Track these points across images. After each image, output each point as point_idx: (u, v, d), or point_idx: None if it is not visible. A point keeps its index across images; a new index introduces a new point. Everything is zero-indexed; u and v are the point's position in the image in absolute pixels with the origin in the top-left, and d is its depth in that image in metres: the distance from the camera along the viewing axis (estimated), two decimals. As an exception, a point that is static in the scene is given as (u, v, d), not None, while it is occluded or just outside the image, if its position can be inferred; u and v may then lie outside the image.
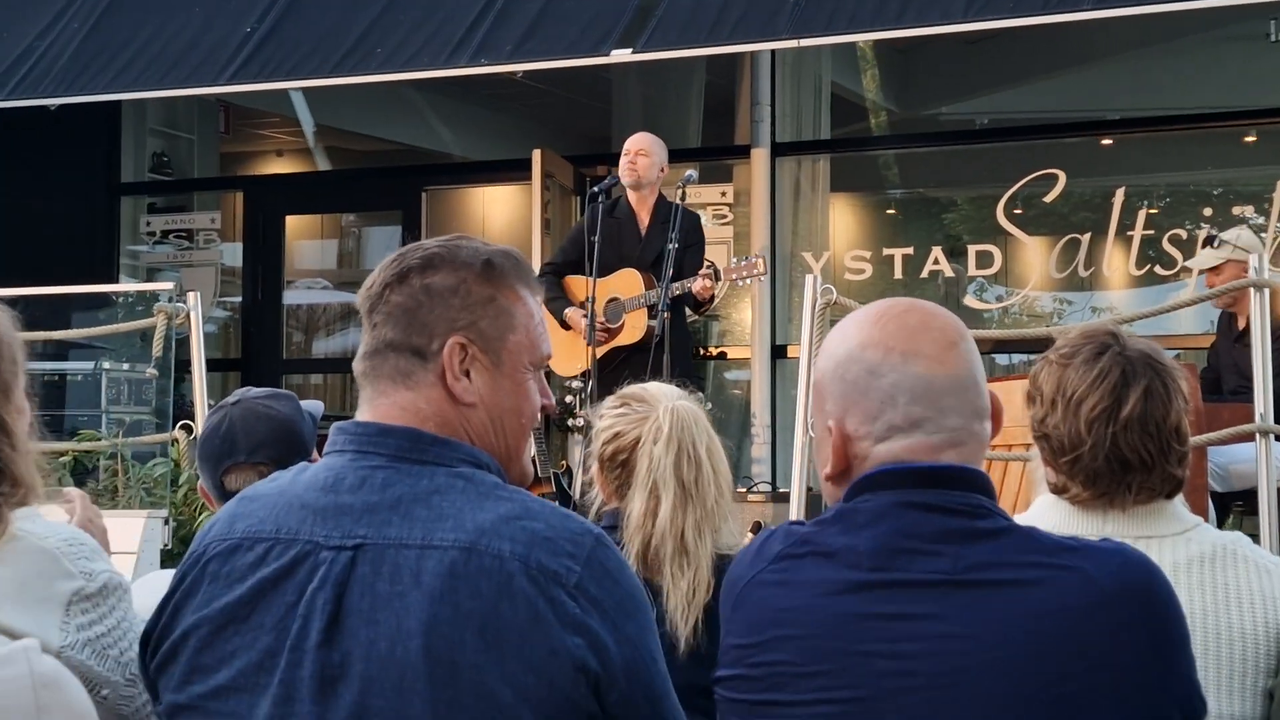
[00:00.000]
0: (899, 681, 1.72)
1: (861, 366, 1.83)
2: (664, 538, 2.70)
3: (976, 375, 1.84)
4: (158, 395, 7.15)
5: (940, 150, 9.74)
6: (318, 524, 1.75)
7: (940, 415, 1.80)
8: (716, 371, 9.59)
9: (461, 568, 1.68)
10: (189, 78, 7.81)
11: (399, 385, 1.83)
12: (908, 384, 1.80)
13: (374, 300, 1.86)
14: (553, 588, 1.68)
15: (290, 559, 1.74)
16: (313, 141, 11.25)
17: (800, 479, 5.48)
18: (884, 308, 1.88)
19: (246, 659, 1.73)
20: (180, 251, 10.41)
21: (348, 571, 1.71)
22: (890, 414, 1.81)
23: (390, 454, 1.78)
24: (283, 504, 1.79)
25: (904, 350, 1.81)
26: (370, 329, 1.86)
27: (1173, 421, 2.25)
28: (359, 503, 1.75)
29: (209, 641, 1.75)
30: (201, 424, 6.20)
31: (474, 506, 1.73)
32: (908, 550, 1.77)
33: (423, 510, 1.73)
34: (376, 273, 1.88)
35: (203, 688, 1.75)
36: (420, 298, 1.83)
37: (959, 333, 1.85)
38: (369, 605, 1.69)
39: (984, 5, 6.43)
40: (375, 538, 1.72)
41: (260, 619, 1.73)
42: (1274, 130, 8.83)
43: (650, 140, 6.86)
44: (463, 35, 7.32)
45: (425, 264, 1.85)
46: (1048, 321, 8.93)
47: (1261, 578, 2.26)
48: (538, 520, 1.72)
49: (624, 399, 2.89)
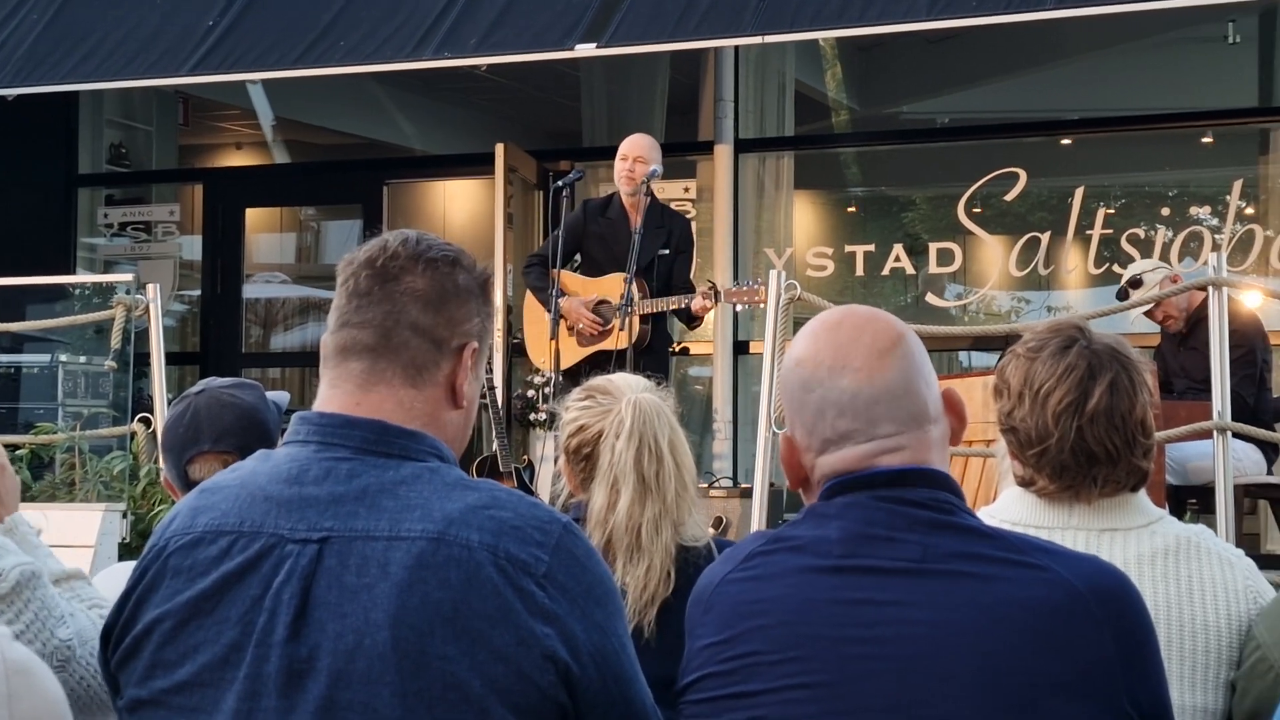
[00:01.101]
0: (866, 665, 1.73)
1: (797, 382, 1.85)
2: (621, 531, 2.70)
3: (912, 381, 1.83)
4: (115, 388, 7.12)
5: (902, 148, 9.78)
6: (282, 516, 1.73)
7: (870, 425, 1.81)
8: (679, 367, 9.60)
9: (430, 558, 1.67)
10: (150, 69, 7.75)
11: (407, 382, 1.79)
12: (834, 398, 1.82)
13: (385, 274, 1.81)
14: (521, 577, 1.67)
15: (255, 552, 1.72)
16: (271, 135, 11.20)
17: (763, 475, 5.50)
18: (822, 320, 1.89)
19: (210, 654, 1.71)
20: (138, 244, 10.33)
21: (314, 564, 1.69)
22: (822, 427, 1.83)
23: (356, 446, 1.76)
24: (245, 496, 1.76)
25: (831, 364, 1.82)
26: (375, 300, 1.80)
27: (1138, 415, 2.27)
28: (324, 494, 1.73)
29: (172, 636, 1.73)
30: (160, 417, 6.17)
31: (441, 497, 1.72)
32: (877, 538, 1.78)
33: (389, 501, 1.71)
34: (382, 247, 1.83)
35: (165, 682, 1.73)
36: (449, 289, 1.82)
37: (892, 340, 1.84)
38: (336, 598, 1.68)
39: (946, 4, 6.46)
40: (342, 530, 1.70)
41: (224, 613, 1.71)
42: (1231, 132, 8.91)
43: (648, 146, 6.75)
44: (427, 29, 7.30)
45: (452, 260, 1.83)
46: (1006, 319, 8.99)
47: (1224, 570, 2.28)
48: (506, 509, 1.72)
49: (589, 391, 2.89)
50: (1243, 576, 2.28)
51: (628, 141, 6.82)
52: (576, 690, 1.69)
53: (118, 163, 10.42)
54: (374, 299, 1.80)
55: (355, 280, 1.82)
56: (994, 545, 1.77)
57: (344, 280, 1.83)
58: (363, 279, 1.81)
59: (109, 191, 10.53)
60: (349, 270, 1.83)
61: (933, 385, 1.86)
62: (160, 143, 10.66)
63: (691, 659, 1.85)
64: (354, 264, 1.83)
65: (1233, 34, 9.01)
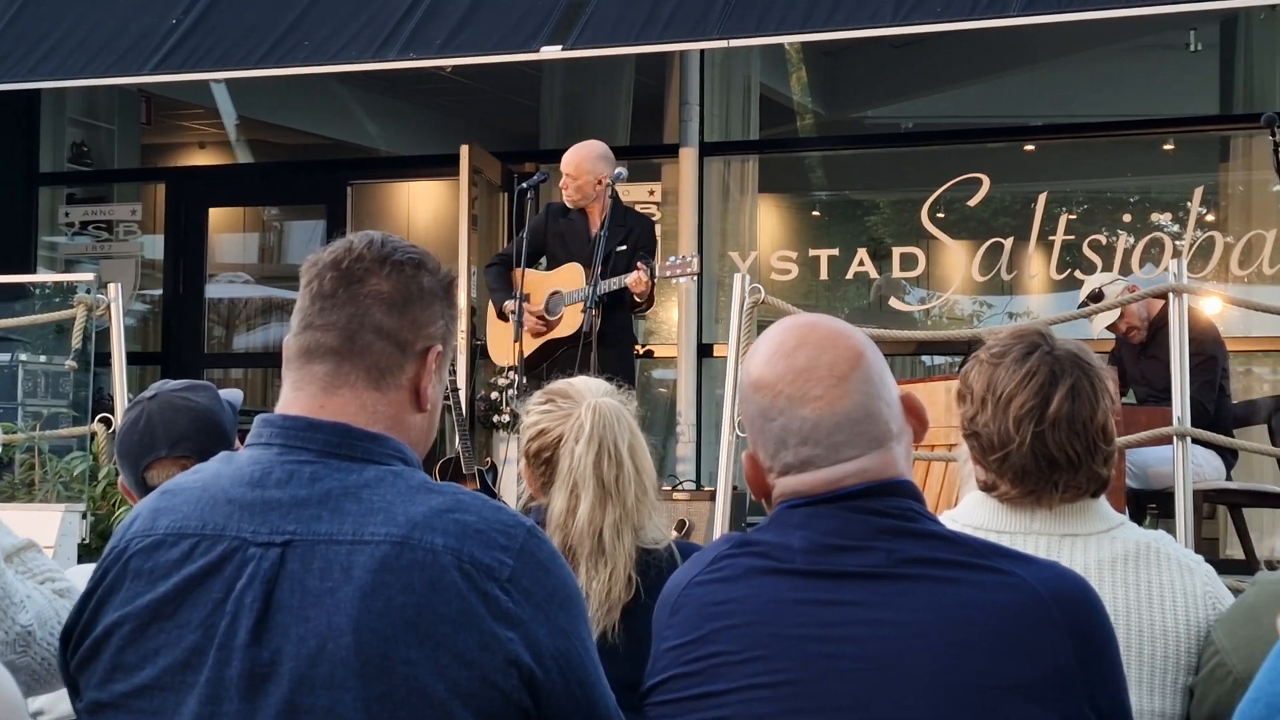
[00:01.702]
0: (829, 664, 1.73)
1: (756, 408, 1.85)
2: (582, 536, 2.70)
3: (873, 404, 1.82)
4: (76, 388, 7.07)
5: (866, 153, 9.81)
6: (245, 520, 1.72)
7: (833, 451, 1.81)
8: (643, 369, 9.59)
9: (393, 562, 1.66)
10: (112, 67, 7.70)
11: (371, 385, 1.79)
12: (795, 427, 1.81)
13: (350, 276, 1.81)
14: (485, 581, 1.67)
15: (217, 555, 1.71)
16: (235, 134, 11.14)
17: (726, 477, 5.50)
18: (778, 342, 1.86)
19: (171, 657, 1.70)
20: (99, 243, 10.27)
21: (277, 568, 1.68)
22: (784, 454, 1.83)
23: (319, 449, 1.75)
24: (207, 499, 1.75)
25: (790, 394, 1.82)
26: (339, 303, 1.80)
27: (1099, 421, 2.28)
28: (287, 498, 1.72)
29: (132, 639, 1.72)
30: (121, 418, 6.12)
31: (405, 500, 1.71)
32: (841, 547, 1.78)
33: (353, 505, 1.71)
34: (346, 249, 1.82)
35: (125, 686, 1.72)
36: (413, 292, 1.82)
37: (851, 363, 1.83)
38: (299, 602, 1.67)
39: (911, 10, 6.48)
40: (305, 533, 1.70)
41: (186, 616, 1.70)
42: (1192, 139, 8.98)
43: (578, 160, 6.65)
44: (392, 29, 7.28)
45: (417, 263, 1.83)
46: (969, 324, 9.02)
47: (1184, 576, 2.29)
48: (470, 513, 1.71)
49: (550, 395, 2.88)
50: (1202, 582, 2.30)
51: (564, 157, 6.77)
52: (540, 694, 1.69)
53: (79, 161, 10.35)
54: (338, 301, 1.80)
55: (319, 282, 1.81)
56: (958, 550, 1.78)
57: (308, 282, 1.82)
58: (327, 281, 1.81)
59: (70, 190, 10.45)
60: (313, 272, 1.82)
61: (893, 401, 1.86)
62: (123, 141, 10.59)
63: (657, 660, 1.85)
64: (318, 265, 1.82)
65: (1194, 42, 9.08)
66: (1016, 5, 6.26)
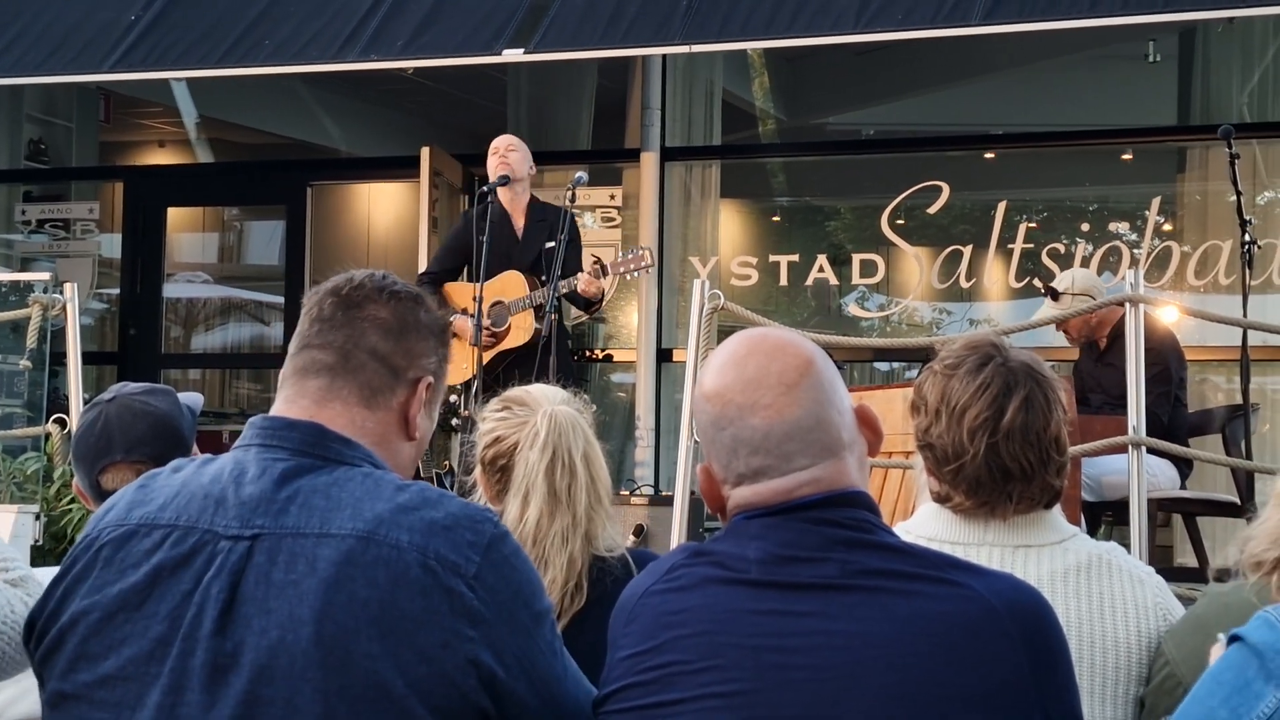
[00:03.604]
0: (782, 674, 1.73)
1: (708, 418, 1.86)
2: (529, 543, 2.70)
3: (823, 412, 1.83)
4: (30, 388, 7.00)
5: (827, 159, 9.84)
6: (217, 514, 1.76)
7: (784, 460, 1.81)
8: (602, 374, 9.59)
9: (358, 557, 1.69)
10: (70, 64, 7.64)
11: (362, 402, 1.86)
12: (745, 436, 1.82)
13: (349, 302, 1.88)
14: (450, 578, 1.69)
15: (188, 547, 1.74)
16: (195, 133, 11.08)
17: (684, 483, 5.50)
18: (729, 353, 1.87)
19: (136, 648, 1.71)
20: (56, 241, 10.18)
21: (244, 560, 1.71)
22: (736, 464, 1.83)
23: (293, 447, 1.80)
24: (185, 494, 1.79)
25: (740, 403, 1.82)
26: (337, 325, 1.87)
27: (1052, 432, 2.30)
28: (259, 493, 1.76)
29: (98, 629, 1.74)
30: (76, 418, 6.08)
31: (372, 497, 1.74)
32: (796, 558, 1.78)
33: (321, 500, 1.74)
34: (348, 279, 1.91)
35: (89, 675, 1.73)
36: (410, 322, 1.89)
37: (800, 371, 1.83)
38: (263, 593, 1.69)
39: (873, 18, 6.50)
40: (273, 527, 1.73)
41: (154, 607, 1.72)
42: (1150, 149, 9.04)
43: (513, 139, 6.83)
44: (353, 30, 7.25)
45: (414, 299, 1.92)
46: (928, 331, 9.06)
47: (1135, 587, 2.31)
48: (437, 510, 1.74)
49: (506, 402, 2.88)
50: (1153, 594, 2.32)
51: (496, 139, 6.84)
52: (501, 694, 1.71)
53: (37, 159, 10.26)
54: (336, 323, 1.87)
55: (320, 307, 1.89)
56: (912, 562, 1.78)
57: (308, 309, 1.90)
58: (327, 306, 1.88)
59: (27, 188, 10.36)
60: (314, 299, 1.90)
61: (845, 410, 1.86)
62: (81, 139, 10.51)
63: (612, 669, 1.85)
64: (319, 293, 1.90)
65: (1153, 53, 9.15)
66: (977, 15, 6.30)
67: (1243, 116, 8.43)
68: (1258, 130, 8.29)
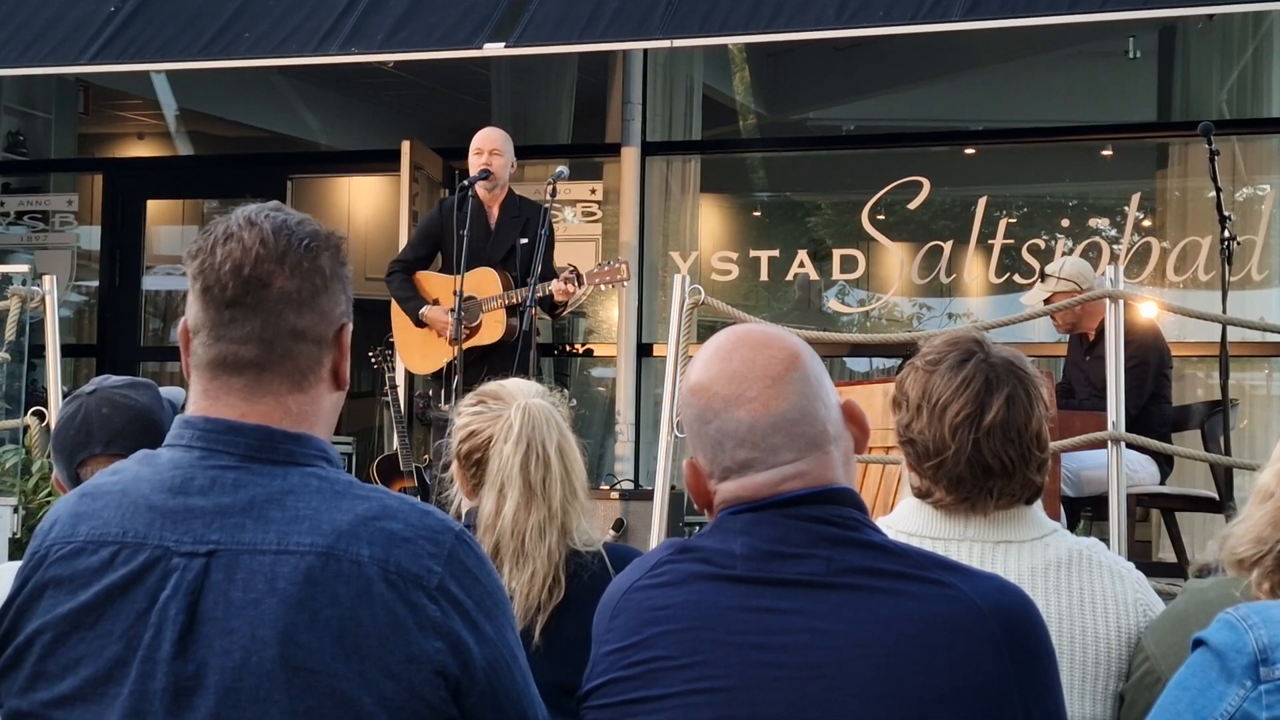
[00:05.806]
0: (766, 672, 1.73)
1: (694, 411, 1.86)
2: (507, 536, 2.69)
3: (809, 405, 1.83)
4: (9, 380, 6.97)
5: (808, 155, 9.84)
6: (167, 528, 1.69)
7: (770, 454, 1.81)
8: (582, 369, 9.59)
9: (319, 574, 1.65)
10: (48, 56, 7.60)
11: (293, 388, 1.76)
12: (730, 429, 1.82)
13: (253, 282, 1.74)
14: (413, 591, 1.66)
15: (139, 565, 1.68)
16: (174, 125, 11.04)
17: (664, 477, 5.50)
18: (715, 347, 1.87)
19: (93, 667, 1.67)
20: (35, 234, 10.14)
21: (201, 579, 1.66)
22: (722, 457, 1.83)
23: (241, 453, 1.72)
24: (129, 504, 1.72)
25: (726, 396, 1.82)
26: (248, 311, 1.74)
27: (1034, 428, 2.30)
28: (210, 505, 1.69)
29: (53, 648, 1.69)
30: (54, 411, 6.06)
31: (330, 507, 1.69)
32: (781, 555, 1.78)
33: (277, 512, 1.68)
34: (242, 249, 1.74)
35: (47, 695, 1.69)
36: (319, 285, 1.77)
37: (786, 365, 1.83)
38: (223, 614, 1.64)
39: (854, 14, 6.51)
40: (229, 543, 1.67)
41: (108, 626, 1.67)
42: (1130, 145, 9.07)
43: (501, 137, 6.83)
44: (333, 23, 7.23)
45: (308, 250, 1.76)
46: (908, 326, 9.07)
47: (1115, 583, 2.31)
48: (396, 520, 1.69)
49: (481, 396, 2.88)
50: (1133, 590, 2.32)
51: (480, 135, 6.83)
52: (467, 703, 1.69)
53: (15, 150, 10.21)
54: (246, 308, 1.74)
55: (221, 288, 1.74)
56: (898, 561, 1.78)
57: (205, 287, 1.75)
58: (231, 287, 1.74)
59: (5, 180, 10.31)
60: (209, 276, 1.74)
61: (831, 404, 1.86)
62: (60, 131, 10.46)
63: (596, 664, 1.85)
64: (215, 271, 1.74)
65: (1133, 49, 9.17)
66: (958, 11, 6.30)
67: (1222, 113, 8.46)
68: (1237, 127, 8.33)
